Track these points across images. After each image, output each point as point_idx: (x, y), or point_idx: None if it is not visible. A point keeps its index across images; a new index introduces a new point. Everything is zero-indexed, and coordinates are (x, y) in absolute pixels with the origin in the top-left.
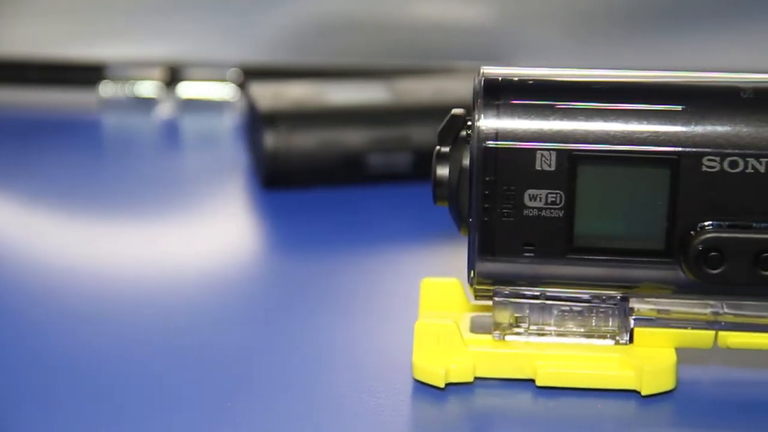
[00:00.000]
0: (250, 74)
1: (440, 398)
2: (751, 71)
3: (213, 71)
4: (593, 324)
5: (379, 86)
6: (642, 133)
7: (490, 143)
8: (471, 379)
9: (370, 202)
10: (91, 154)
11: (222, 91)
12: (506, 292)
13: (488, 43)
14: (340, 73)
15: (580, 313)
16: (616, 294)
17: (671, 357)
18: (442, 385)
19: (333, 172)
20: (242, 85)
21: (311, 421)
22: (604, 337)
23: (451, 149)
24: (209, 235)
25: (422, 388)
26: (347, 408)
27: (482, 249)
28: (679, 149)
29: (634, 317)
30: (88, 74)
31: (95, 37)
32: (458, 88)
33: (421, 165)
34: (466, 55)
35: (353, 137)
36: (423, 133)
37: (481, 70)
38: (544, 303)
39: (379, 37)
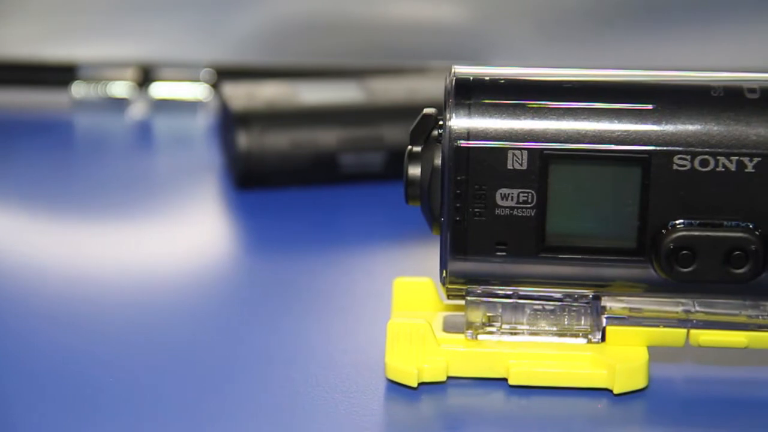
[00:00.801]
0: (223, 74)
1: (413, 398)
2: (722, 70)
3: (186, 71)
4: (566, 323)
5: (351, 86)
6: (613, 132)
7: (462, 143)
8: (444, 379)
9: (343, 202)
10: (63, 155)
11: (195, 91)
12: (479, 291)
13: (461, 42)
14: (313, 73)
15: (552, 311)
16: (588, 293)
17: (643, 355)
18: (415, 385)
19: (306, 172)
20: (215, 86)
21: (283, 421)
22: (576, 335)
23: (423, 149)
24: (182, 235)
25: (395, 387)
26: (320, 408)
27: (454, 248)
28: (650, 148)
29: (606, 316)
30: (60, 75)
31: (68, 38)
32: (431, 87)
33: (394, 164)
34: (439, 54)
35: (326, 137)
36: (396, 133)
37: (453, 70)
38: (517, 302)
39: (352, 36)
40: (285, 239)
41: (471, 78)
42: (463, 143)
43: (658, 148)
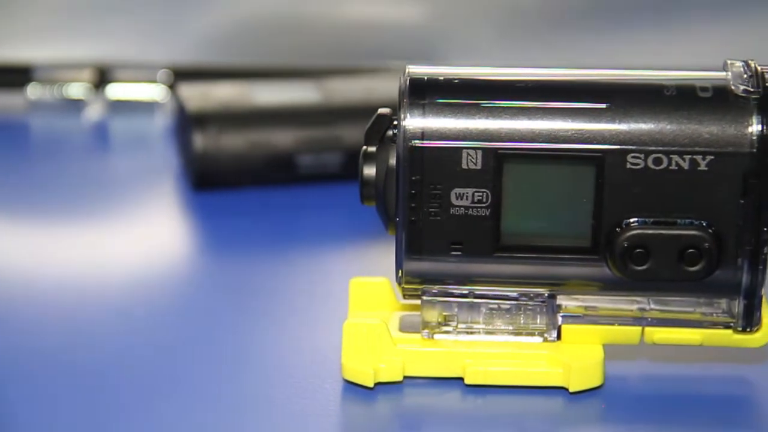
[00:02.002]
0: (179, 75)
1: (369, 398)
2: (675, 69)
3: (142, 72)
4: (521, 322)
5: (308, 86)
6: (567, 131)
7: (416, 143)
8: (400, 379)
9: (300, 203)
10: (19, 157)
11: (152, 92)
12: (434, 291)
13: (419, 42)
14: (270, 74)
15: (508, 311)
16: (544, 291)
17: (598, 353)
18: (372, 385)
19: (263, 173)
20: (172, 86)
21: (239, 422)
22: (532, 334)
23: (377, 149)
24: (139, 237)
25: (351, 388)
26: (276, 409)
27: (410, 248)
28: (604, 147)
29: (561, 314)
30: (15, 76)
31: (22, 39)
32: (388, 87)
33: (351, 165)
34: (396, 54)
35: (282, 137)
36: (353, 133)
37: (407, 70)
38: (473, 301)
39: (309, 37)
40: (241, 240)
41: (425, 78)
42: (417, 143)
43: (611, 146)
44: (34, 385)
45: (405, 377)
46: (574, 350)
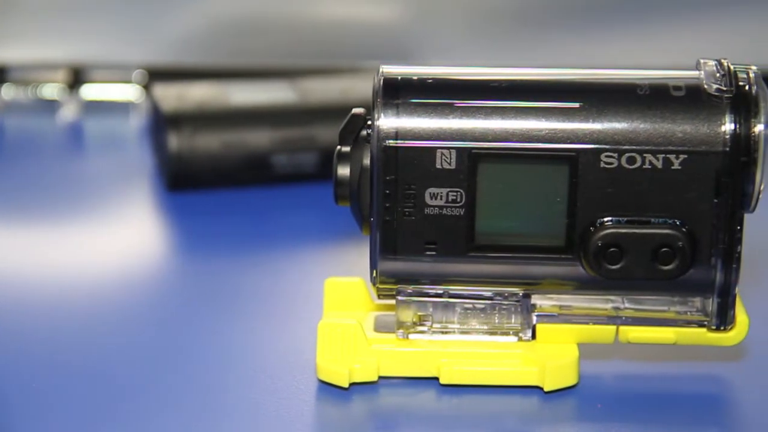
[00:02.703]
0: (155, 75)
1: (344, 398)
2: (648, 68)
3: (117, 73)
4: (496, 321)
5: (283, 86)
6: (540, 130)
7: (390, 142)
8: (375, 379)
9: (275, 203)
10: None
11: (126, 92)
12: (409, 290)
13: (395, 42)
14: (245, 74)
15: (483, 310)
16: (519, 291)
17: (573, 352)
18: (346, 385)
19: (238, 173)
20: (147, 87)
21: (214, 422)
22: (507, 334)
23: (352, 149)
24: (114, 238)
25: (326, 388)
26: (250, 409)
27: (384, 248)
28: (578, 146)
29: (536, 314)
30: None
31: None
32: (364, 87)
33: (327, 165)
34: (371, 54)
35: (258, 138)
36: (328, 133)
37: (381, 70)
38: (448, 301)
39: (285, 37)
40: (216, 241)
41: (399, 78)
42: (391, 143)
43: (585, 146)
44: (8, 386)
45: (380, 377)
46: (548, 349)
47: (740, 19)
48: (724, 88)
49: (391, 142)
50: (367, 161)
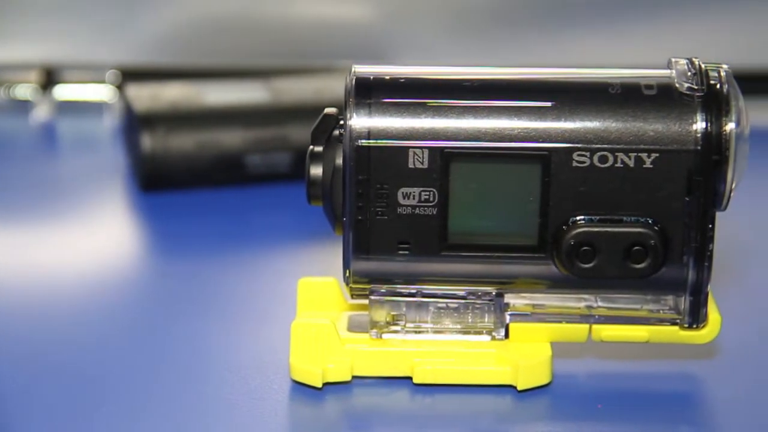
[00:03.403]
0: (128, 75)
1: (318, 398)
2: (620, 67)
3: (90, 73)
4: (469, 320)
5: (257, 86)
6: (513, 129)
7: (363, 142)
8: (348, 379)
9: (249, 203)
10: None
11: (100, 92)
12: (382, 290)
13: (369, 42)
14: (219, 74)
15: (456, 309)
16: (492, 290)
17: (546, 351)
18: (320, 385)
19: (212, 173)
20: (120, 87)
21: (187, 422)
22: (480, 333)
23: (324, 149)
24: (88, 238)
25: (300, 388)
26: (224, 410)
27: (357, 248)
28: (550, 145)
29: (509, 313)
30: None
31: None
32: (338, 87)
33: (301, 165)
34: (345, 54)
35: (231, 138)
36: (302, 133)
37: (353, 69)
38: (421, 300)
39: (258, 37)
40: (190, 241)
41: (371, 77)
42: (363, 142)
43: (557, 145)
44: None
45: (353, 377)
46: (522, 348)
47: (711, 19)
48: (696, 87)
49: (363, 142)
50: (339, 161)
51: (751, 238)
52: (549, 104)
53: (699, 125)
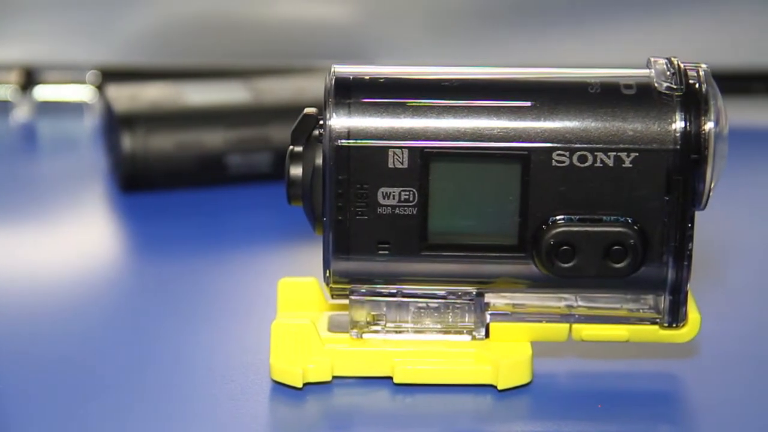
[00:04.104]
0: (108, 76)
1: (298, 398)
2: (599, 66)
3: (70, 73)
4: (450, 320)
5: (238, 86)
6: (492, 129)
7: (342, 142)
8: (329, 379)
9: (230, 203)
10: None
11: (80, 93)
12: (363, 290)
13: (350, 41)
14: (200, 74)
15: (436, 309)
16: (472, 290)
17: (527, 351)
18: (300, 385)
19: (192, 174)
20: (100, 87)
21: (168, 423)
22: (460, 332)
23: (304, 149)
24: (68, 239)
25: (280, 388)
26: (204, 410)
27: (337, 248)
28: (529, 145)
29: (489, 312)
30: None
31: None
32: (319, 87)
33: (282, 165)
34: (326, 54)
35: (212, 138)
36: (283, 133)
37: (332, 69)
38: (401, 300)
39: (239, 37)
40: (171, 242)
41: (351, 77)
42: (343, 142)
43: (537, 144)
44: None
45: (334, 377)
46: (502, 348)
47: (690, 18)
48: (675, 87)
49: (343, 142)
50: (319, 161)
51: (730, 237)
52: (528, 104)
53: (678, 124)
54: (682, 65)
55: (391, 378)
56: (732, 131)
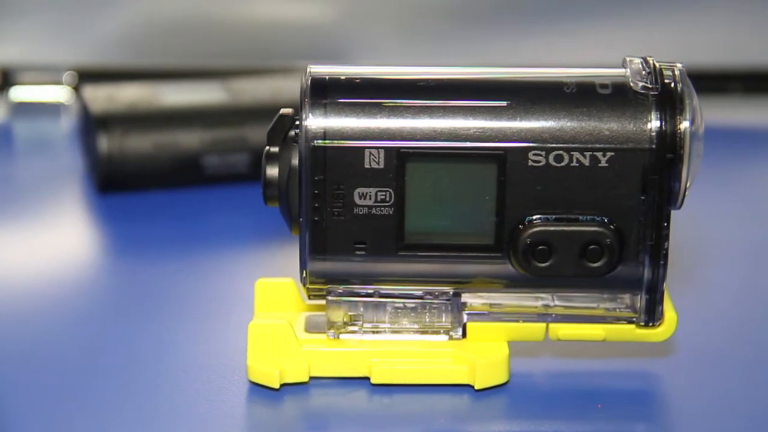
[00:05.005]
0: (85, 77)
1: (275, 399)
2: (575, 66)
3: (47, 74)
4: (427, 320)
5: (215, 87)
6: (468, 129)
7: (318, 142)
8: (306, 379)
9: (207, 204)
10: None
11: (56, 94)
12: (340, 290)
13: (327, 42)
14: (177, 74)
15: (413, 309)
16: (449, 290)
17: (503, 350)
18: (277, 386)
19: (169, 175)
20: (77, 88)
21: (144, 424)
22: (437, 332)
23: (280, 149)
24: (45, 240)
25: (257, 389)
26: (181, 412)
27: (314, 248)
28: (505, 144)
29: (466, 312)
30: None
31: None
32: (296, 87)
33: (259, 165)
34: (303, 54)
35: (189, 139)
36: (260, 134)
37: (308, 70)
38: (378, 301)
39: (216, 37)
40: (148, 243)
41: (327, 77)
42: (319, 143)
43: (513, 144)
44: None
45: (311, 378)
46: (479, 348)
47: (665, 18)
48: (650, 86)
49: (319, 142)
50: (295, 161)
51: (706, 236)
52: (504, 104)
53: (653, 124)
54: (657, 65)
55: (368, 378)
56: (708, 130)
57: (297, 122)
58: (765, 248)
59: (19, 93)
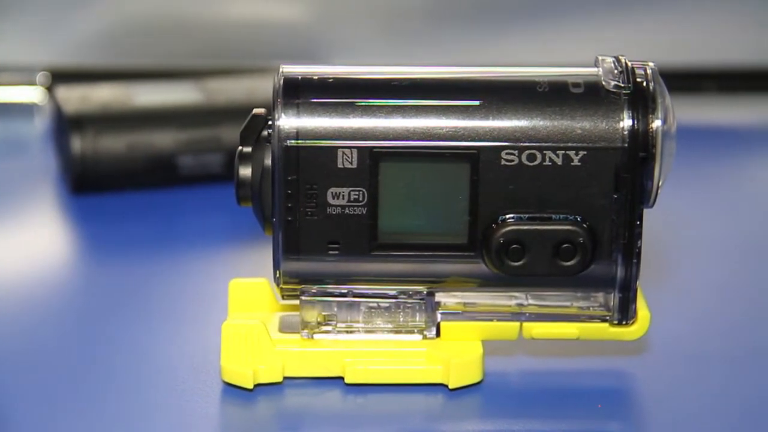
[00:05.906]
0: (58, 77)
1: (249, 399)
2: (548, 65)
3: (20, 75)
4: (401, 320)
5: (189, 87)
6: (441, 128)
7: (291, 142)
8: (280, 380)
9: (181, 205)
10: None
11: (30, 94)
12: (313, 290)
13: (302, 42)
14: (151, 75)
15: (387, 309)
16: (423, 289)
17: (477, 350)
18: (251, 387)
19: (143, 175)
20: (50, 89)
21: (118, 424)
22: (411, 332)
23: (253, 149)
24: (18, 242)
25: (231, 390)
26: (155, 412)
27: (287, 248)
28: (478, 144)
29: (440, 311)
30: None
31: None
32: (270, 87)
33: (233, 165)
34: (278, 54)
35: (163, 139)
36: (235, 134)
37: (281, 69)
38: (352, 300)
39: (190, 37)
40: (122, 244)
41: (299, 77)
42: (292, 143)
43: (485, 143)
44: None
45: (285, 378)
46: (453, 347)
47: (637, 17)
48: (622, 85)
49: (292, 142)
50: (268, 161)
51: (680, 234)
52: (477, 103)
53: (626, 123)
54: (629, 63)
55: (342, 378)
56: (682, 129)
57: (270, 122)
58: (739, 246)
59: None
